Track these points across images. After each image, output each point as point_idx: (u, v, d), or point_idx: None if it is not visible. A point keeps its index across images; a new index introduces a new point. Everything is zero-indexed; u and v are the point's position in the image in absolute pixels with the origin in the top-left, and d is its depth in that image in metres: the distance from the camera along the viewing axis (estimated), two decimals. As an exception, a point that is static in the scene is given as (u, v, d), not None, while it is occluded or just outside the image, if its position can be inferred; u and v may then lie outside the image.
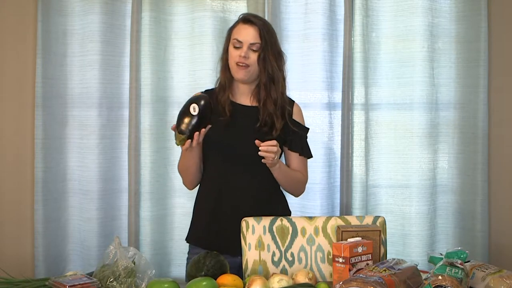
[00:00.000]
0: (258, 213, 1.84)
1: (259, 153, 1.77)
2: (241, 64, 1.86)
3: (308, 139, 2.03)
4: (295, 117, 1.99)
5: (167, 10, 2.53)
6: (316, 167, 2.51)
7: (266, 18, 2.48)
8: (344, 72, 2.51)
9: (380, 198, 2.58)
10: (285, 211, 2.04)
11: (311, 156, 2.04)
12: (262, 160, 1.79)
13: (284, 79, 1.95)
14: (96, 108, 2.49)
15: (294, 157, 1.99)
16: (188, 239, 2.02)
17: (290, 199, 2.57)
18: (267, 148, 1.77)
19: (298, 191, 2.05)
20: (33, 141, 2.45)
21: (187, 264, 1.96)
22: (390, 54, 2.54)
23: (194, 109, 1.73)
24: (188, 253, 2.01)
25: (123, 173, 2.55)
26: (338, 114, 2.55)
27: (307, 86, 2.54)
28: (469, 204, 2.51)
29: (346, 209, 2.52)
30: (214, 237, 1.92)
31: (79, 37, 2.50)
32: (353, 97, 2.52)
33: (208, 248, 1.79)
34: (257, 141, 1.77)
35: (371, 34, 2.53)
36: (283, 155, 2.02)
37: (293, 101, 2.03)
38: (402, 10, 2.51)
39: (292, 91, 2.54)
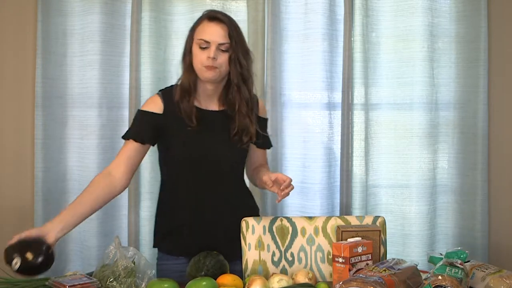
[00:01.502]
0: (234, 218, 1.82)
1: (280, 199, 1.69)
2: (210, 66, 1.72)
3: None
4: (260, 113, 1.92)
5: (167, 10, 2.53)
6: (316, 167, 2.52)
7: (266, 18, 2.49)
8: (344, 72, 2.51)
9: (380, 198, 2.58)
10: (257, 209, 2.00)
11: (272, 145, 2.02)
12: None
13: (252, 79, 1.84)
14: (96, 108, 2.49)
15: (260, 152, 1.96)
16: (164, 250, 1.88)
17: (290, 199, 2.58)
18: (289, 190, 1.69)
19: None
20: (33, 141, 2.45)
21: (157, 271, 1.83)
22: (390, 54, 2.54)
23: (16, 264, 1.48)
24: (158, 259, 1.90)
25: (123, 173, 2.55)
26: (338, 114, 2.55)
27: (307, 86, 2.54)
28: (469, 204, 2.52)
29: (346, 209, 2.52)
30: (196, 248, 1.77)
31: (79, 37, 2.50)
32: (353, 97, 2.52)
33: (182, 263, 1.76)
34: (277, 201, 1.70)
35: (371, 34, 2.53)
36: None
37: (257, 96, 1.93)
38: (402, 10, 2.51)
39: (292, 91, 2.56)
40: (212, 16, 1.75)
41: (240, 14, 2.54)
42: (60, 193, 2.51)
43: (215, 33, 1.72)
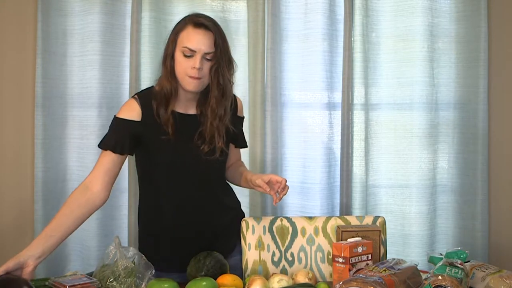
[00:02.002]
0: (222, 222, 1.82)
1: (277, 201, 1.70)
2: (194, 76, 1.66)
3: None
4: (239, 113, 1.90)
5: (167, 10, 2.53)
6: (316, 167, 2.52)
7: (266, 18, 2.49)
8: (344, 72, 2.51)
9: (380, 198, 2.58)
10: (240, 209, 1.98)
11: (247, 146, 2.03)
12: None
13: (232, 89, 1.78)
14: (96, 108, 2.49)
15: (236, 150, 1.97)
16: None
17: (290, 199, 2.57)
18: (286, 192, 1.70)
19: None
20: (33, 141, 2.45)
21: None
22: (390, 54, 2.54)
23: None
24: None
25: (123, 173, 2.53)
26: (338, 114, 2.55)
27: (307, 86, 2.54)
28: (469, 204, 2.51)
29: (346, 209, 2.52)
30: (183, 252, 1.76)
31: (79, 37, 2.50)
32: (353, 97, 2.52)
33: (172, 266, 1.74)
34: (274, 203, 1.70)
35: (371, 34, 2.53)
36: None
37: (235, 96, 1.88)
38: (402, 10, 2.51)
39: (292, 91, 2.56)
40: (199, 22, 1.67)
41: (240, 14, 2.55)
42: (60, 193, 2.51)
43: (201, 42, 1.65)
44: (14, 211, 2.51)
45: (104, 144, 1.73)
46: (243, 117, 1.97)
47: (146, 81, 2.48)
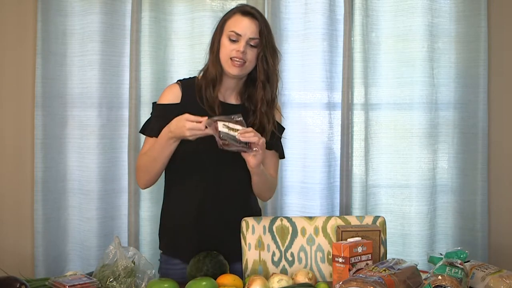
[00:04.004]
0: (239, 218, 1.82)
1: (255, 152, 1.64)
2: (237, 59, 1.72)
3: (284, 139, 1.94)
4: (276, 117, 1.89)
5: (167, 10, 2.53)
6: (316, 167, 2.52)
7: (266, 18, 2.48)
8: (344, 72, 2.51)
9: (380, 198, 2.58)
10: (259, 212, 1.98)
11: (284, 157, 1.95)
12: (252, 162, 1.67)
13: (278, 79, 1.83)
14: (96, 108, 2.49)
15: (268, 156, 1.86)
16: (167, 251, 1.86)
17: (290, 199, 2.57)
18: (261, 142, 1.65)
19: (267, 197, 1.95)
20: (33, 141, 2.45)
21: (159, 271, 1.85)
22: (390, 54, 2.54)
23: None
24: (162, 262, 1.88)
25: (123, 173, 2.55)
26: (338, 114, 2.55)
27: (307, 86, 2.54)
28: (469, 204, 2.51)
29: (346, 209, 2.52)
30: (198, 247, 1.76)
31: (79, 37, 2.50)
32: (353, 97, 2.52)
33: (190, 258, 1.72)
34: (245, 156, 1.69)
35: (371, 34, 2.53)
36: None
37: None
38: (402, 10, 2.51)
39: (292, 91, 2.55)
40: (246, 11, 1.76)
41: (240, 14, 2.54)
42: (60, 193, 2.52)
43: (247, 27, 1.73)
44: (14, 211, 2.51)
45: (149, 130, 1.80)
46: (282, 126, 1.93)
47: (146, 81, 2.49)
